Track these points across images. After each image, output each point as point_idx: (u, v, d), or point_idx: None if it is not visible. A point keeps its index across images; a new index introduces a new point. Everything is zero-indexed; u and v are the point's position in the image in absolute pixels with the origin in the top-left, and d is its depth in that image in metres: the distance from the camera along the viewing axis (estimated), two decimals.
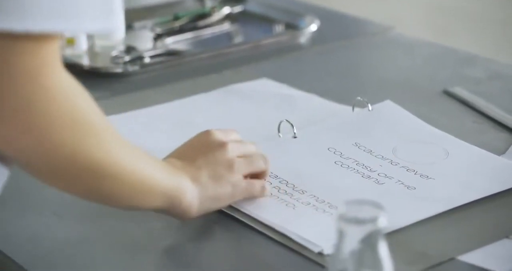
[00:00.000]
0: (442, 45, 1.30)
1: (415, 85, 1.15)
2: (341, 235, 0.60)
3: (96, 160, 0.69)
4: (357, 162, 0.90)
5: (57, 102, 0.66)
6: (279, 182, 0.86)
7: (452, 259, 0.76)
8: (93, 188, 0.71)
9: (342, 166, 0.90)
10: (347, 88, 1.14)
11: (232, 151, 0.82)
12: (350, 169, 0.89)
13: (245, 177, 0.83)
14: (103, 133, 0.70)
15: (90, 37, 1.28)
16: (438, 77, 1.18)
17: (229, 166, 0.81)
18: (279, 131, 0.95)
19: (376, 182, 0.87)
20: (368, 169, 0.89)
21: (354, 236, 0.60)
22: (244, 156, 0.83)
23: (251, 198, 0.83)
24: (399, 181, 0.87)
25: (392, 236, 0.77)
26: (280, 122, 0.95)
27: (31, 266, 0.77)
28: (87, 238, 0.81)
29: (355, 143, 0.93)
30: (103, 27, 0.66)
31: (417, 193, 0.85)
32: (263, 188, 0.83)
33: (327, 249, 0.76)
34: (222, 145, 0.82)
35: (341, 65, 1.24)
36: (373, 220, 0.60)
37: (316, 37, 1.32)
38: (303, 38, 1.33)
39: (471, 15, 2.84)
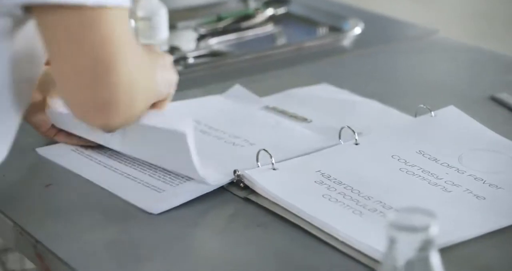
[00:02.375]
0: (486, 50, 1.29)
1: (460, 91, 1.15)
2: (391, 242, 0.60)
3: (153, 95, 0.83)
4: (422, 169, 0.89)
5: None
6: (344, 188, 0.86)
7: None
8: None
9: (407, 172, 0.89)
10: (390, 93, 1.14)
11: None
12: (416, 175, 0.88)
13: None
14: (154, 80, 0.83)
15: None
16: (483, 83, 1.17)
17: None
18: (340, 137, 0.94)
19: (444, 189, 0.86)
20: (435, 176, 0.88)
21: (404, 244, 0.59)
22: None
23: None
24: (468, 189, 0.86)
25: (458, 247, 0.77)
26: (341, 128, 0.94)
27: (79, 266, 0.77)
28: (133, 239, 0.81)
29: (419, 151, 0.92)
30: None
31: (487, 203, 0.84)
32: None
33: None
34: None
35: (384, 69, 1.24)
36: (425, 228, 0.59)
37: (360, 40, 1.32)
38: (347, 41, 1.32)
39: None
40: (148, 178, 0.90)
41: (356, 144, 0.94)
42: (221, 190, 0.88)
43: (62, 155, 0.95)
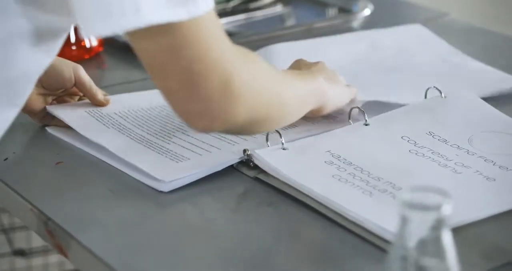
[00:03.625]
0: (498, 32, 1.28)
1: None
2: (404, 221, 0.60)
3: (280, 97, 0.82)
4: (432, 151, 0.89)
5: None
6: (354, 168, 0.86)
7: None
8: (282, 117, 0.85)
9: (417, 154, 0.89)
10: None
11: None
12: (426, 157, 0.88)
13: None
14: (277, 77, 0.82)
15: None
16: (494, 65, 1.16)
17: (334, 73, 0.94)
18: (349, 118, 0.94)
19: (454, 171, 0.86)
20: (444, 158, 0.88)
21: (417, 223, 0.59)
22: None
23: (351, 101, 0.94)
24: (478, 171, 0.86)
25: (469, 228, 0.77)
26: (351, 109, 0.94)
27: (89, 243, 0.77)
28: (144, 217, 0.82)
29: (429, 132, 0.92)
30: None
31: (497, 185, 0.83)
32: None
33: None
34: (318, 62, 0.94)
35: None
36: (438, 207, 0.59)
37: (369, 21, 1.31)
38: (356, 23, 1.32)
39: None
40: (162, 143, 0.91)
41: (366, 125, 0.94)
42: (231, 170, 0.88)
43: (71, 133, 0.95)
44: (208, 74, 0.71)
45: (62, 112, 0.97)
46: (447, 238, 0.59)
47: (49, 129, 0.97)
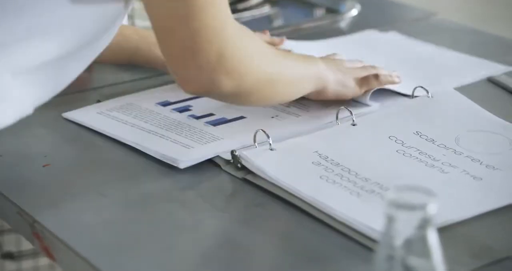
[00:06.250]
0: (485, 32, 1.28)
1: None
2: (389, 221, 0.60)
3: (271, 76, 0.88)
4: (419, 151, 0.89)
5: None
6: (341, 169, 0.86)
7: None
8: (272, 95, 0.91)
9: (404, 154, 0.89)
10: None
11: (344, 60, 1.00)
12: (413, 157, 0.88)
13: None
14: (271, 56, 0.89)
15: (130, 17, 1.28)
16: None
17: (342, 62, 0.98)
18: (337, 118, 0.94)
19: (441, 170, 0.86)
20: (432, 158, 0.88)
21: (403, 223, 0.59)
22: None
23: (369, 89, 0.97)
24: (465, 170, 0.86)
25: (456, 227, 0.77)
26: (339, 109, 0.94)
27: (77, 245, 0.77)
28: (132, 218, 0.82)
29: (416, 132, 0.93)
30: None
31: (484, 184, 0.84)
32: (377, 78, 0.98)
33: None
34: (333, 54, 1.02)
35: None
36: (423, 206, 0.59)
37: (357, 22, 1.31)
38: (344, 23, 1.32)
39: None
40: (175, 136, 0.93)
41: (353, 125, 0.94)
42: (219, 170, 0.88)
43: (88, 117, 0.98)
44: (207, 45, 0.79)
45: (79, 116, 0.99)
46: (433, 237, 0.60)
47: (66, 115, 0.99)
